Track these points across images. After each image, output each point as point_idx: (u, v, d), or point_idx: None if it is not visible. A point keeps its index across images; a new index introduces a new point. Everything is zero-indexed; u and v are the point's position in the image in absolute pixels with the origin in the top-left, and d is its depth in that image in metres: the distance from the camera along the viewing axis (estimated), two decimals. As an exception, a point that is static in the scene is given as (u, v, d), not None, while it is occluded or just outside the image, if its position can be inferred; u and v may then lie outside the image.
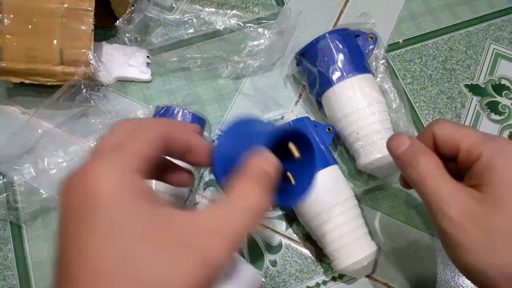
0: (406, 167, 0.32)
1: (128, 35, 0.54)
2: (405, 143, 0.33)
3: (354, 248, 0.41)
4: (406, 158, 0.32)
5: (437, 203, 0.29)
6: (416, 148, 0.32)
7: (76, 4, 0.46)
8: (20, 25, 0.46)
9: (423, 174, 0.30)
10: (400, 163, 0.33)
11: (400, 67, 0.55)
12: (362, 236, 0.42)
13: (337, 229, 0.41)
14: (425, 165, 0.30)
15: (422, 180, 0.30)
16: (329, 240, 0.42)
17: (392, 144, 0.34)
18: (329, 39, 0.47)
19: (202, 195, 0.49)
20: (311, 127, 0.45)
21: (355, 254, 0.41)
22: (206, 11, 0.56)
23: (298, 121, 0.44)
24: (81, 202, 0.21)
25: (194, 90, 0.54)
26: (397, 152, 0.33)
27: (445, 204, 0.29)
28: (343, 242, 0.41)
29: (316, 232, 0.43)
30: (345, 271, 0.42)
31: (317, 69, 0.47)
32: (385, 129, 0.45)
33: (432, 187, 0.30)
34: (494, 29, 0.58)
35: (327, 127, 0.47)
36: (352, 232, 0.41)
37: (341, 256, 0.41)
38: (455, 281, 0.45)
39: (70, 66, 0.47)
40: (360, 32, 0.50)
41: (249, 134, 0.28)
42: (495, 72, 0.55)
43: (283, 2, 0.59)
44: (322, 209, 0.41)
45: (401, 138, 0.33)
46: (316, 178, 0.29)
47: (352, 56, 0.47)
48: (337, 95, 0.46)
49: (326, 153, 0.44)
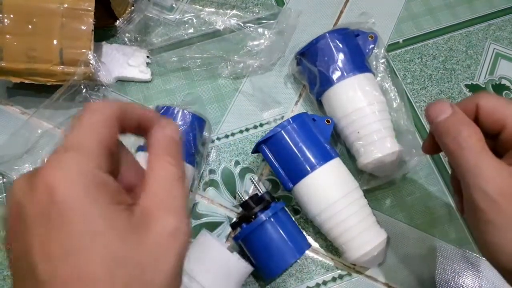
0: (445, 136, 0.30)
1: (128, 35, 0.54)
2: (446, 111, 0.31)
3: (363, 239, 0.41)
4: (447, 126, 0.30)
5: (475, 178, 0.28)
6: (459, 117, 0.30)
7: (76, 4, 0.46)
8: (20, 25, 0.46)
9: (464, 146, 0.29)
10: (438, 132, 0.31)
11: (400, 67, 0.55)
12: (370, 226, 0.42)
13: (345, 222, 0.41)
14: (468, 137, 0.29)
15: (461, 151, 0.29)
16: (338, 234, 0.42)
17: (432, 111, 0.32)
18: (329, 38, 0.47)
19: (202, 195, 0.49)
20: (309, 122, 0.45)
21: (365, 245, 0.41)
22: (206, 11, 0.56)
23: (297, 117, 0.44)
24: (44, 208, 0.19)
25: (194, 90, 0.54)
26: (437, 120, 0.31)
27: (483, 180, 0.28)
28: (352, 234, 0.41)
29: (324, 226, 0.43)
30: (357, 262, 0.43)
31: (317, 69, 0.47)
32: (386, 128, 0.45)
33: (472, 161, 0.28)
34: (494, 29, 0.58)
35: (326, 119, 0.46)
36: (360, 223, 0.41)
37: (351, 248, 0.41)
38: (455, 281, 0.45)
39: (70, 66, 0.47)
40: (360, 31, 0.50)
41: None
42: (495, 72, 0.55)
43: (283, 2, 0.59)
44: (328, 203, 0.41)
45: (442, 105, 0.31)
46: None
47: (352, 56, 0.47)
48: (337, 94, 0.46)
49: (327, 146, 0.44)
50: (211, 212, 0.49)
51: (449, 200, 0.49)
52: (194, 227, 0.48)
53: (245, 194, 0.49)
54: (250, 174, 0.50)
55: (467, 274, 0.45)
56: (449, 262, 0.46)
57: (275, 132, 0.43)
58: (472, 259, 0.46)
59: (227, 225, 0.48)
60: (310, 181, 0.42)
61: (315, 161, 0.42)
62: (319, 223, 0.43)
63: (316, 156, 0.42)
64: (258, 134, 0.52)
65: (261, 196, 0.44)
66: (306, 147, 0.43)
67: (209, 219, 0.48)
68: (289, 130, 0.43)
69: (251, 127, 0.53)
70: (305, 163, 0.42)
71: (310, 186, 0.42)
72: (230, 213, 0.49)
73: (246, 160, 0.51)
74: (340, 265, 0.46)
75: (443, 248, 0.46)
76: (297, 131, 0.43)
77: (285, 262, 0.41)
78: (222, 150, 0.51)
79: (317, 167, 0.42)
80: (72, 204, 0.19)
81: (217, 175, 0.50)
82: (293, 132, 0.43)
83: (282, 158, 0.44)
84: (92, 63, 0.47)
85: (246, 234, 0.41)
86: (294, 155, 0.43)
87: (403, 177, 0.49)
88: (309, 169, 0.42)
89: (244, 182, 0.50)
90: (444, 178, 0.50)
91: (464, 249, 0.46)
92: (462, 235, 0.47)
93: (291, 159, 0.43)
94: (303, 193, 0.43)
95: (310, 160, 0.42)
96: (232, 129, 0.52)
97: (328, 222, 0.42)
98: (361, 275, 0.46)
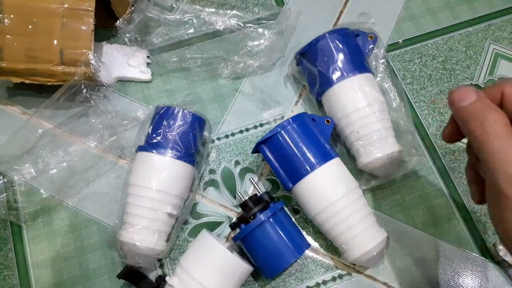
0: (470, 122, 0.30)
1: (128, 35, 0.54)
2: (471, 96, 0.30)
3: (363, 239, 0.41)
4: (472, 112, 0.30)
5: (501, 163, 0.28)
6: (484, 103, 0.30)
7: (76, 4, 0.46)
8: (21, 25, 0.46)
9: (489, 131, 0.29)
10: (463, 117, 0.30)
11: (400, 67, 0.55)
12: (370, 226, 0.42)
13: (344, 222, 0.41)
14: (494, 122, 0.29)
15: (487, 136, 0.29)
16: (337, 233, 0.42)
17: (456, 96, 0.31)
18: (329, 38, 0.47)
19: (202, 195, 0.49)
20: (309, 122, 0.45)
21: (364, 245, 0.41)
22: (206, 11, 0.56)
23: (297, 117, 0.44)
24: None
25: (194, 90, 0.54)
26: (460, 105, 0.31)
27: (509, 165, 0.28)
28: (351, 234, 0.41)
29: (324, 226, 0.43)
30: (357, 262, 0.43)
31: (317, 69, 0.47)
32: (386, 128, 0.45)
33: (498, 146, 0.28)
34: (494, 29, 0.58)
35: (325, 119, 0.47)
36: (359, 223, 0.41)
37: (351, 248, 0.41)
38: (455, 281, 0.45)
39: (70, 66, 0.47)
40: (360, 31, 0.50)
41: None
42: (495, 72, 0.55)
43: (283, 2, 0.59)
44: (328, 203, 0.41)
45: (466, 90, 0.31)
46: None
47: (352, 56, 0.47)
48: (337, 94, 0.46)
49: (327, 146, 0.44)
50: (211, 212, 0.49)
51: (449, 200, 0.49)
52: (194, 227, 0.48)
53: (244, 194, 0.49)
54: (249, 174, 0.50)
55: (467, 274, 0.45)
56: (449, 262, 0.46)
57: (275, 132, 0.43)
58: (472, 259, 0.46)
59: (227, 225, 0.48)
60: (310, 181, 0.42)
61: (315, 161, 0.42)
62: (319, 222, 0.43)
63: (316, 156, 0.43)
64: (258, 134, 0.52)
65: (260, 196, 0.44)
66: (306, 147, 0.43)
67: (209, 219, 0.48)
68: (288, 130, 0.43)
69: (251, 127, 0.53)
70: (305, 163, 0.42)
71: (309, 186, 0.42)
72: (230, 213, 0.49)
73: (246, 160, 0.51)
74: (340, 264, 0.46)
75: (443, 248, 0.46)
76: (297, 131, 0.43)
77: (284, 262, 0.41)
78: (222, 150, 0.51)
79: (316, 167, 0.42)
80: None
81: (217, 175, 0.50)
82: (292, 132, 0.43)
83: (282, 158, 0.44)
84: (93, 63, 0.47)
85: (245, 235, 0.42)
86: (293, 155, 0.43)
87: (403, 177, 0.49)
88: (309, 169, 0.42)
89: (244, 182, 0.50)
90: (444, 178, 0.50)
91: (464, 249, 0.46)
92: (462, 235, 0.47)
93: (290, 159, 0.43)
94: (303, 193, 0.43)
95: (309, 160, 0.42)
96: (232, 129, 0.52)
97: (328, 221, 0.42)
98: (360, 275, 0.46)
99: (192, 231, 0.48)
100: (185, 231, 0.48)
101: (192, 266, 0.40)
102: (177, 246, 0.47)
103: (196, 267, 0.40)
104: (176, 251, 0.47)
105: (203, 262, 0.40)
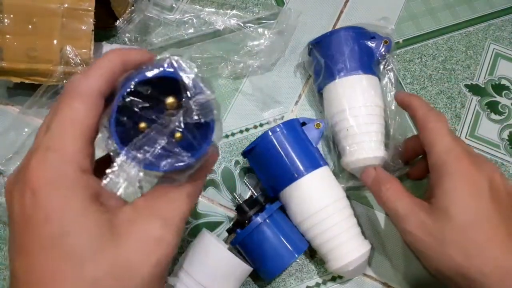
0: (375, 195, 0.40)
1: (128, 35, 0.54)
2: (371, 174, 0.41)
3: (346, 249, 0.41)
4: (374, 187, 0.40)
5: (397, 219, 0.37)
6: (378, 177, 0.40)
7: (76, 4, 0.46)
8: (20, 25, 0.46)
9: (384, 199, 0.38)
10: (372, 192, 0.41)
11: (400, 67, 0.55)
12: (354, 237, 0.42)
13: (329, 231, 0.41)
14: (385, 191, 0.38)
15: (384, 203, 0.38)
16: (321, 242, 0.42)
17: (363, 176, 0.42)
18: (342, 34, 0.47)
19: (202, 195, 0.49)
20: (298, 128, 0.45)
21: (347, 255, 0.41)
22: (206, 11, 0.56)
23: (285, 124, 0.44)
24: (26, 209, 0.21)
25: (194, 90, 0.54)
26: (368, 183, 0.41)
27: (402, 221, 0.36)
28: (335, 243, 0.41)
29: (308, 234, 0.43)
30: (339, 272, 0.42)
31: (324, 61, 0.47)
32: (376, 132, 0.45)
33: (392, 208, 0.37)
34: (494, 29, 0.58)
35: (315, 123, 0.46)
36: (344, 233, 0.41)
37: (334, 258, 0.41)
38: (455, 281, 0.45)
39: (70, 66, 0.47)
40: (377, 34, 0.49)
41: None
42: (495, 72, 0.55)
43: (283, 2, 0.59)
44: (313, 211, 0.41)
45: (368, 170, 0.42)
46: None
47: (361, 55, 0.47)
48: (337, 89, 0.46)
49: (316, 154, 0.44)
50: (211, 211, 0.49)
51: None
52: (194, 227, 0.48)
53: (240, 198, 0.49)
54: (245, 175, 0.50)
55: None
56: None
57: (256, 143, 0.44)
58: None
59: (227, 225, 0.48)
60: (297, 187, 0.42)
61: (302, 169, 0.42)
62: (304, 230, 0.43)
63: (303, 164, 0.43)
64: (258, 134, 0.52)
65: (255, 198, 0.44)
66: (292, 155, 0.43)
67: (209, 219, 0.48)
68: (271, 140, 0.43)
69: (251, 127, 0.53)
70: (291, 171, 0.42)
71: (294, 194, 0.42)
72: (230, 213, 0.49)
73: (246, 160, 0.51)
74: (340, 265, 0.46)
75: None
76: (283, 140, 0.43)
77: (283, 263, 0.41)
78: (222, 150, 0.51)
79: (303, 174, 0.42)
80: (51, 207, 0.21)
81: (217, 175, 0.50)
82: (277, 141, 0.43)
83: (266, 166, 0.44)
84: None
85: (242, 239, 0.41)
86: (278, 164, 0.43)
87: (401, 178, 0.49)
88: (296, 175, 0.42)
89: (243, 183, 0.50)
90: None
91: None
92: (461, 235, 0.47)
93: (275, 168, 0.43)
94: (288, 201, 0.43)
95: (296, 168, 0.42)
96: (232, 129, 0.52)
97: (314, 229, 0.42)
98: (360, 275, 0.46)
99: (192, 231, 0.48)
100: (185, 231, 0.48)
101: (192, 266, 0.40)
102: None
103: (196, 267, 0.40)
104: (176, 251, 0.47)
105: (203, 262, 0.40)
